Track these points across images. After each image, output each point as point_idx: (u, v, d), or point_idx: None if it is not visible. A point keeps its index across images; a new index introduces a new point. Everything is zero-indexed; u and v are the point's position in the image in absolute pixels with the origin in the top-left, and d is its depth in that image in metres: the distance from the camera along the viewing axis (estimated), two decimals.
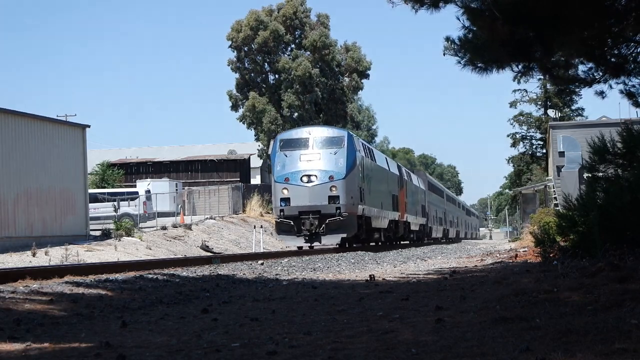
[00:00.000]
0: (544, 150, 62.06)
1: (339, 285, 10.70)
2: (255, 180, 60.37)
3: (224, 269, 14.18)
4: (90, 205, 32.75)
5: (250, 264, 16.17)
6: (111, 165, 51.83)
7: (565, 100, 60.61)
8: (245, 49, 57.20)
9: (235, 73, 58.09)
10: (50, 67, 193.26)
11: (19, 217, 26.86)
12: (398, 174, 37.88)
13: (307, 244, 25.52)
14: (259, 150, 57.83)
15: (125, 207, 40.54)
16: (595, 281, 7.42)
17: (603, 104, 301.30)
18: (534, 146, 66.90)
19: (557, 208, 27.80)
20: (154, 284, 10.37)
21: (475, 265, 15.03)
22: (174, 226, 36.21)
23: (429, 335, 5.37)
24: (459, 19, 10.23)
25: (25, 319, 6.82)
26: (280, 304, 8.18)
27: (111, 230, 30.89)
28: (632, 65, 10.92)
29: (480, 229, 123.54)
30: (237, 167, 56.85)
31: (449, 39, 10.50)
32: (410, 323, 6.11)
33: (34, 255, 23.14)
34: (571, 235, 11.44)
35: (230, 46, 57.29)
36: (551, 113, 61.52)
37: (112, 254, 25.64)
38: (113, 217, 35.76)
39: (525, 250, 18.76)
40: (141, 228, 35.22)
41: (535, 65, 10.97)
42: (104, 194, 41.64)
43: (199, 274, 12.26)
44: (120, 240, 29.36)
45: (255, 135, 58.07)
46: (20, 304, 7.64)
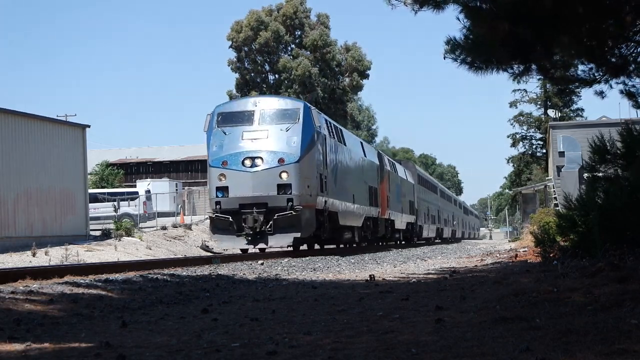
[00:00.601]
0: (544, 150, 62.14)
1: (339, 285, 10.70)
2: None
3: (224, 269, 14.19)
4: (90, 205, 32.78)
5: (250, 264, 16.17)
6: (111, 165, 51.85)
7: (565, 100, 60.70)
8: (246, 49, 57.25)
9: (236, 73, 58.16)
10: (50, 67, 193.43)
11: (19, 217, 26.87)
12: (378, 162, 32.62)
13: (250, 246, 20.53)
14: None
15: (125, 207, 40.57)
16: (595, 281, 7.43)
17: (603, 104, 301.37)
18: (534, 146, 67.05)
19: (557, 208, 27.82)
20: (154, 284, 10.37)
21: (475, 265, 15.03)
22: (174, 226, 36.24)
23: (429, 335, 5.37)
24: (459, 18, 10.23)
25: (25, 319, 6.81)
26: (280, 304, 8.18)
27: (111, 230, 30.92)
28: (633, 66, 10.92)
29: (481, 229, 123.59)
30: None
31: (449, 42, 10.49)
32: (410, 323, 6.11)
33: (34, 255, 23.15)
34: (571, 235, 11.45)
35: (230, 46, 57.37)
36: (551, 113, 61.65)
37: (112, 254, 25.65)
38: (113, 217, 35.79)
39: (525, 250, 18.76)
40: (141, 228, 35.24)
41: (534, 66, 10.96)
42: (104, 194, 41.68)
43: (199, 274, 12.26)
44: (120, 240, 29.38)
45: None
46: (20, 304, 7.64)
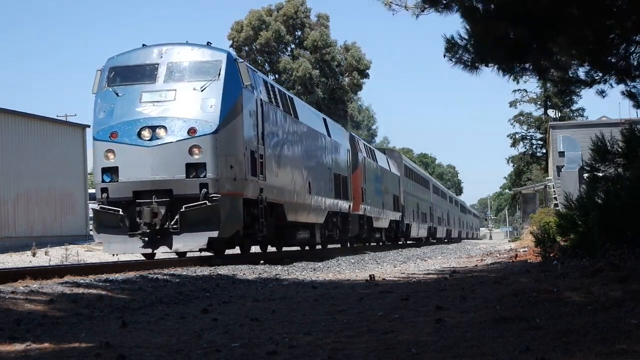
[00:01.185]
0: (544, 150, 62.11)
1: (339, 285, 10.69)
2: None
3: (224, 269, 14.17)
4: (91, 205, 32.77)
5: (250, 264, 16.16)
6: None
7: (565, 100, 60.70)
8: (246, 48, 57.24)
9: None
10: (51, 67, 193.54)
11: (19, 217, 26.88)
12: (349, 146, 26.66)
13: (148, 250, 14.73)
14: None
15: None
16: (595, 281, 7.42)
17: (603, 104, 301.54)
18: (534, 146, 67.02)
19: (557, 208, 27.82)
20: (154, 284, 10.36)
21: (475, 265, 15.02)
22: None
23: (429, 335, 5.37)
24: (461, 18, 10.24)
25: (25, 319, 6.81)
26: (280, 304, 8.18)
27: None
28: (638, 72, 10.92)
29: (481, 229, 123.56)
30: None
31: (449, 41, 10.49)
32: (410, 323, 6.11)
33: (34, 255, 23.15)
34: (571, 235, 11.45)
35: (231, 46, 57.31)
36: (551, 113, 61.66)
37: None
38: None
39: (525, 250, 18.76)
40: None
41: (531, 66, 10.96)
42: None
43: (199, 274, 12.25)
44: None
45: None
46: (20, 304, 7.63)
